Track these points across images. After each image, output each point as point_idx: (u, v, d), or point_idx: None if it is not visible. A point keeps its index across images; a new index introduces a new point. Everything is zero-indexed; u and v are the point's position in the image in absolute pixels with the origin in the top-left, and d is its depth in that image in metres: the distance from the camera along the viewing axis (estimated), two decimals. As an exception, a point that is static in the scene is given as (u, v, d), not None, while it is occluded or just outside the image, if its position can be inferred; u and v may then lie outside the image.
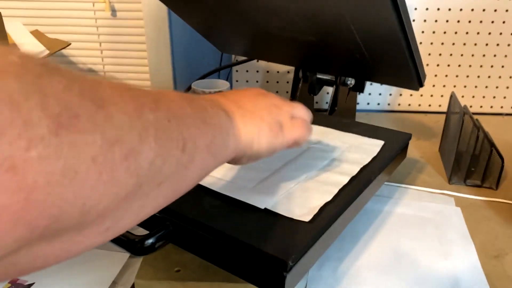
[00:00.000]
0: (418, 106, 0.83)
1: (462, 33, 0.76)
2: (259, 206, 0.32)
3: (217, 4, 0.56)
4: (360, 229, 0.43)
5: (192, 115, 0.21)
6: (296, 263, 0.27)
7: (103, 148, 0.14)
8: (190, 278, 0.34)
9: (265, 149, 0.28)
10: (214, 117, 0.23)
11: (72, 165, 0.13)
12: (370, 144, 0.44)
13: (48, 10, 0.80)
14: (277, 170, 0.38)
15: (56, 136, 0.13)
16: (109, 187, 0.15)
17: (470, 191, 0.51)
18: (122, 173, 0.15)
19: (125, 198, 0.16)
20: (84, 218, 0.14)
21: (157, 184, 0.18)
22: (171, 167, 0.18)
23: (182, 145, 0.19)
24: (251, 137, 0.27)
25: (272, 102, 0.30)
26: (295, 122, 0.30)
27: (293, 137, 0.30)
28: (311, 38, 0.54)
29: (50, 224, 0.13)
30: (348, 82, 0.62)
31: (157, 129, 0.17)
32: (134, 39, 0.81)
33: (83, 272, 0.38)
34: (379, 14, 0.43)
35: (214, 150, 0.22)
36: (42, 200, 0.12)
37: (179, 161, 0.19)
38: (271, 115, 0.29)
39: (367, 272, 0.37)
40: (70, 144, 0.13)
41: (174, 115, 0.19)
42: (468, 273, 0.37)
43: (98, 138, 0.14)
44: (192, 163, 0.20)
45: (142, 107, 0.17)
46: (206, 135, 0.21)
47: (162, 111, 0.18)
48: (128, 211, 0.17)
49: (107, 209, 0.15)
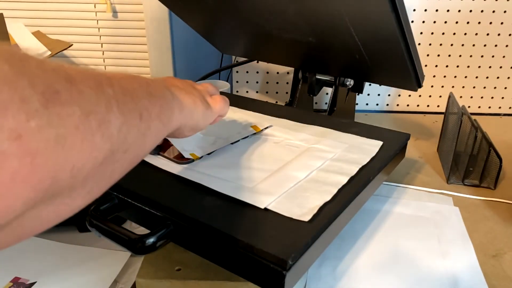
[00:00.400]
0: (417, 106, 0.84)
1: (460, 34, 0.77)
2: (259, 206, 0.32)
3: (217, 5, 0.56)
4: (359, 229, 0.43)
5: (140, 89, 0.23)
6: (295, 262, 0.28)
7: (81, 118, 0.16)
8: (190, 277, 0.34)
9: (202, 119, 0.33)
10: (158, 90, 0.26)
11: (62, 133, 0.15)
12: (369, 144, 0.45)
13: (49, 11, 0.80)
14: (276, 170, 0.38)
15: (46, 108, 0.15)
16: (90, 151, 0.17)
17: (469, 191, 0.52)
18: (99, 139, 0.17)
19: (102, 163, 0.18)
20: (74, 180, 0.17)
21: (124, 151, 0.20)
22: (133, 135, 0.21)
23: (139, 114, 0.22)
24: (190, 107, 0.31)
25: (190, 84, 0.34)
26: (214, 97, 0.36)
27: (218, 108, 0.35)
28: (311, 39, 0.54)
29: (50, 185, 0.15)
30: (347, 82, 0.62)
31: (117, 101, 0.20)
32: (135, 40, 0.82)
33: (85, 271, 0.39)
34: (378, 15, 0.43)
35: (164, 118, 0.25)
36: (43, 164, 0.14)
37: (139, 129, 0.22)
38: (197, 92, 0.33)
39: (366, 271, 0.38)
40: (57, 115, 0.15)
41: (127, 90, 0.21)
42: (466, 273, 0.38)
43: (76, 109, 0.16)
44: (148, 130, 0.23)
45: (101, 83, 0.19)
46: (155, 105, 0.24)
47: (117, 87, 0.20)
48: (104, 175, 0.20)
49: (89, 172, 0.17)
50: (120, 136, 0.19)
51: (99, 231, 0.32)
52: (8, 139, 0.13)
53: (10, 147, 0.13)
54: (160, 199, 0.33)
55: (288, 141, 0.45)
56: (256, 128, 0.47)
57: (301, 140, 0.45)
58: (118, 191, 0.35)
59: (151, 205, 0.34)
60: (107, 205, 0.34)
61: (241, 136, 0.45)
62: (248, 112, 0.54)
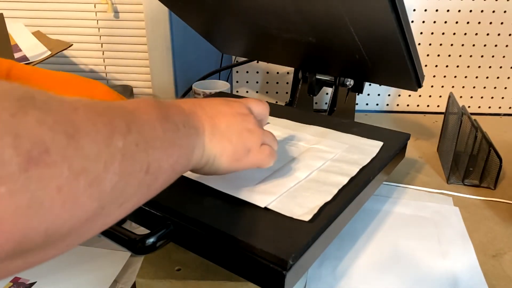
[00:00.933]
0: (417, 106, 0.84)
1: (460, 34, 0.77)
2: (259, 205, 0.32)
3: (217, 5, 0.56)
4: (359, 229, 0.43)
5: (162, 137, 0.22)
6: (296, 261, 0.28)
7: (69, 179, 0.15)
8: (191, 277, 0.34)
9: (224, 168, 0.30)
10: (184, 138, 0.25)
11: (37, 197, 0.14)
12: (369, 145, 0.45)
13: (50, 11, 0.80)
14: (277, 170, 0.38)
15: (25, 172, 0.13)
16: (72, 213, 0.16)
17: (469, 191, 0.52)
18: (85, 200, 0.16)
19: (88, 220, 0.17)
20: (47, 240, 0.15)
21: (119, 205, 0.19)
22: (134, 188, 0.20)
23: (147, 167, 0.20)
24: (213, 155, 0.29)
25: (246, 127, 0.31)
26: (263, 149, 0.32)
27: (257, 162, 0.32)
28: (311, 39, 0.54)
29: (15, 248, 0.14)
30: (347, 82, 0.62)
31: (124, 155, 0.18)
32: (135, 40, 0.82)
33: (85, 271, 0.39)
34: (378, 15, 0.43)
35: (178, 168, 0.24)
36: (8, 230, 0.13)
37: (142, 182, 0.20)
38: (241, 140, 0.30)
39: (366, 271, 0.38)
40: (38, 178, 0.14)
41: (144, 139, 0.20)
42: (466, 273, 0.38)
43: (65, 170, 0.15)
44: (155, 182, 0.22)
45: (113, 133, 0.18)
46: (172, 156, 0.23)
47: (133, 135, 0.19)
48: (89, 229, 0.18)
49: (69, 231, 0.16)
50: (115, 192, 0.18)
51: (99, 231, 0.32)
52: None
53: None
54: (160, 199, 0.33)
55: (289, 141, 0.45)
56: None
57: (302, 141, 0.45)
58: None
59: (151, 205, 0.34)
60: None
61: None
62: None
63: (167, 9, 0.76)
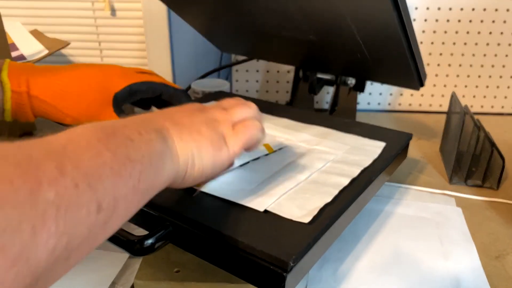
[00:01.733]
0: (419, 106, 0.83)
1: (463, 33, 0.76)
2: (258, 209, 0.32)
3: (217, 3, 0.56)
4: (360, 230, 0.43)
5: (109, 161, 0.18)
6: (296, 263, 0.27)
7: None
8: (189, 279, 0.34)
9: (209, 166, 0.27)
10: (143, 147, 0.21)
11: None
12: (372, 145, 0.44)
13: (47, 10, 0.80)
14: (277, 172, 0.37)
15: None
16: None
17: (471, 191, 0.51)
18: (10, 282, 0.13)
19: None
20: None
21: (64, 259, 0.16)
22: (82, 236, 0.17)
23: (97, 206, 0.17)
24: (191, 154, 0.25)
25: (209, 117, 0.28)
26: (237, 128, 0.28)
27: (241, 145, 0.28)
28: (312, 37, 0.54)
29: None
30: (348, 81, 0.62)
31: (59, 206, 0.15)
32: (133, 38, 0.81)
33: (82, 272, 0.38)
34: (379, 13, 0.42)
35: (143, 187, 0.21)
36: None
37: (94, 224, 0.17)
38: (210, 128, 0.27)
39: (367, 273, 0.37)
40: None
41: (84, 174, 0.17)
42: (469, 274, 0.37)
43: None
44: (112, 215, 0.18)
45: (39, 184, 0.15)
46: (130, 177, 0.19)
47: (68, 176, 0.16)
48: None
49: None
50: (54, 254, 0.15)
51: (96, 232, 0.31)
52: None
53: None
54: (158, 200, 0.33)
55: (289, 141, 0.45)
56: (269, 148, 0.41)
57: (302, 141, 0.45)
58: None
59: (150, 206, 0.33)
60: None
61: (251, 157, 0.39)
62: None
63: (165, 7, 0.76)
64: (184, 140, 0.25)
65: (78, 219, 0.16)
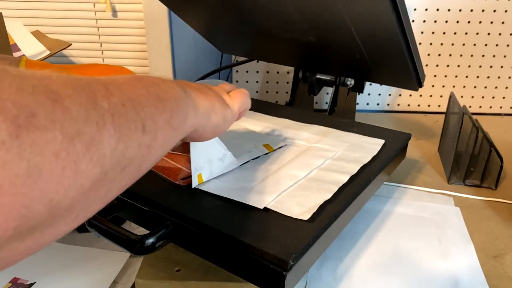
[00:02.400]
0: (418, 106, 0.84)
1: (461, 34, 0.77)
2: (258, 206, 0.32)
3: (217, 4, 0.56)
4: (359, 229, 0.43)
5: (146, 94, 0.21)
6: (296, 262, 0.28)
7: (64, 143, 0.14)
8: (190, 278, 0.34)
9: (221, 121, 0.30)
10: (169, 91, 0.24)
11: (35, 164, 0.13)
12: (371, 143, 0.44)
13: (49, 11, 0.80)
14: (277, 170, 0.38)
15: (16, 138, 0.13)
16: (74, 180, 0.15)
17: (470, 191, 0.51)
18: (85, 165, 0.15)
19: (92, 188, 0.16)
20: (53, 213, 0.15)
21: (121, 169, 0.18)
22: (134, 150, 0.19)
23: (142, 126, 0.19)
24: (207, 108, 0.28)
25: (205, 85, 0.32)
26: (232, 94, 0.33)
27: (238, 106, 0.32)
28: (311, 38, 0.54)
29: (21, 224, 0.13)
30: (347, 82, 0.62)
31: (113, 115, 0.17)
32: (134, 39, 0.81)
33: (84, 271, 0.38)
34: (378, 15, 0.43)
35: (175, 123, 0.23)
36: (9, 202, 0.13)
37: (141, 142, 0.19)
38: (213, 92, 0.31)
39: (366, 272, 0.37)
40: (32, 143, 0.13)
41: (127, 98, 0.19)
42: (467, 273, 0.37)
43: (57, 134, 0.14)
44: (154, 141, 0.21)
45: (95, 95, 0.17)
46: (163, 111, 0.22)
47: (115, 96, 0.18)
48: (96, 198, 0.17)
49: (74, 201, 0.16)
50: (115, 155, 0.17)
51: (98, 231, 0.32)
52: None
53: None
54: (159, 199, 0.33)
55: (289, 140, 0.45)
56: (268, 147, 0.42)
57: (302, 140, 0.45)
58: (117, 191, 0.35)
59: (151, 205, 0.33)
60: (106, 206, 0.34)
61: (251, 156, 0.40)
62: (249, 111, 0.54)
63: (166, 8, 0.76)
64: (200, 97, 0.28)
65: (129, 130, 0.18)
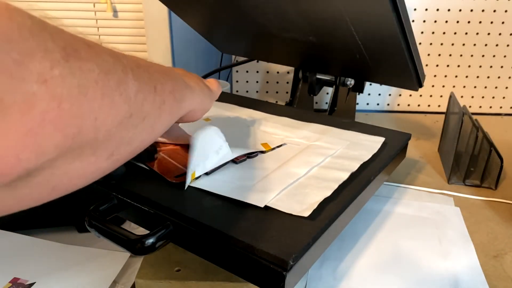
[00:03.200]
0: (418, 106, 0.84)
1: (461, 34, 0.77)
2: (258, 205, 0.32)
3: (217, 4, 0.56)
4: (359, 229, 0.43)
5: (153, 66, 0.24)
6: (296, 262, 0.28)
7: (101, 75, 0.17)
8: (190, 278, 0.34)
9: (208, 101, 0.34)
10: (166, 70, 0.26)
11: (83, 84, 0.16)
12: (370, 140, 0.44)
13: (48, 11, 0.80)
14: (277, 168, 0.38)
15: (67, 61, 0.16)
16: (110, 107, 0.18)
17: (470, 191, 0.51)
18: (117, 98, 0.18)
19: (121, 122, 0.19)
20: (97, 133, 0.18)
21: (142, 118, 0.21)
22: (149, 104, 0.22)
23: (153, 86, 0.22)
24: (198, 90, 0.32)
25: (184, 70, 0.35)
26: (209, 81, 0.37)
27: (216, 90, 0.37)
28: (311, 38, 0.54)
29: (76, 134, 0.16)
30: (347, 82, 0.62)
31: (132, 69, 0.20)
32: (135, 39, 0.81)
33: (84, 271, 0.38)
34: (378, 15, 0.43)
35: (178, 96, 0.26)
36: (69, 109, 0.15)
37: (154, 100, 0.22)
38: (197, 77, 0.34)
39: (366, 272, 0.37)
40: (78, 68, 0.16)
41: (140, 64, 0.22)
42: (467, 273, 0.37)
43: (95, 67, 0.17)
44: (163, 104, 0.24)
45: (116, 53, 0.20)
46: (168, 82, 0.25)
47: (130, 60, 0.21)
48: (123, 139, 0.21)
49: (110, 129, 0.19)
50: (137, 100, 0.20)
51: (98, 231, 0.32)
52: (37, 82, 0.14)
53: (39, 89, 0.14)
54: (159, 199, 0.33)
55: (289, 138, 0.45)
56: (266, 146, 0.42)
57: (302, 138, 0.45)
58: (117, 191, 0.35)
59: (151, 205, 0.33)
60: (106, 206, 0.34)
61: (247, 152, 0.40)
62: (250, 110, 0.54)
63: (166, 9, 0.76)
64: (190, 80, 0.31)
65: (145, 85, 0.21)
